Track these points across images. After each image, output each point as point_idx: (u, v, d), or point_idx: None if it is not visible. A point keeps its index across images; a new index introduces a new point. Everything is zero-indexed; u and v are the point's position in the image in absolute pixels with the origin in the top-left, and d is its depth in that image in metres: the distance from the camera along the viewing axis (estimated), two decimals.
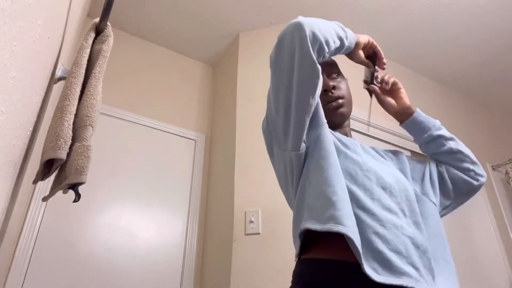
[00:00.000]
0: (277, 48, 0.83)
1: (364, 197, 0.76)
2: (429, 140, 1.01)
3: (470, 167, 0.99)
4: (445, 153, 1.00)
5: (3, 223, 0.68)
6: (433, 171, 0.99)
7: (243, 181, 1.80)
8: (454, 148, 1.00)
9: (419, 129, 1.02)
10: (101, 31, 0.89)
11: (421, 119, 1.01)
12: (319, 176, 0.78)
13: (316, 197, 0.76)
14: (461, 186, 0.98)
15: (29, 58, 0.50)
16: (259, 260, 1.59)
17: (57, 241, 1.61)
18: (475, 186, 0.99)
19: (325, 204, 0.73)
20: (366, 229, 0.72)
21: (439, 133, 1.00)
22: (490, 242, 2.35)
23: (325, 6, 2.13)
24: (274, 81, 0.85)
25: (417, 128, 1.02)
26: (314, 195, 0.77)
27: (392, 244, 0.71)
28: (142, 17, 2.23)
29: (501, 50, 2.49)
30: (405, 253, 0.72)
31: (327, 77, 0.97)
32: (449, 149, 0.99)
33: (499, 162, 2.69)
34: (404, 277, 0.69)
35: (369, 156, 0.90)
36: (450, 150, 0.99)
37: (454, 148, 1.00)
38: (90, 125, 0.76)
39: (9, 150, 0.49)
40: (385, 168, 0.86)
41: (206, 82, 2.53)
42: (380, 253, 0.70)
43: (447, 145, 1.00)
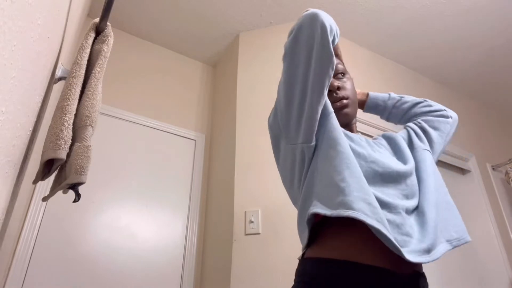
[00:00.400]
0: (294, 39, 0.82)
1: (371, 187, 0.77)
2: (391, 108, 1.11)
3: (440, 107, 1.08)
4: (412, 107, 1.10)
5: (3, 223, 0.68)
6: (414, 128, 1.05)
7: (243, 181, 1.80)
8: (417, 100, 1.10)
9: (379, 104, 1.12)
10: (101, 31, 0.89)
11: (376, 95, 1.12)
12: (328, 165, 0.78)
13: (324, 185, 0.76)
14: (442, 128, 1.05)
15: (29, 58, 0.50)
16: (259, 260, 1.59)
17: (57, 241, 1.61)
18: (451, 122, 1.07)
19: (334, 191, 0.73)
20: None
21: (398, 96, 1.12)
22: (490, 242, 2.35)
23: (325, 6, 2.13)
24: (289, 73, 0.84)
25: (377, 105, 1.12)
26: (323, 184, 0.77)
27: (402, 229, 0.72)
28: (142, 17, 2.23)
29: (501, 50, 2.49)
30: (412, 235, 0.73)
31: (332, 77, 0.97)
32: (413, 100, 1.10)
33: (499, 162, 2.69)
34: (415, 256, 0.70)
35: (374, 148, 0.91)
36: (414, 101, 1.10)
37: (417, 100, 1.10)
38: (90, 125, 0.76)
39: (9, 150, 0.49)
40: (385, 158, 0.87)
41: (206, 82, 2.53)
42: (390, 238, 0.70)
43: (409, 102, 1.11)
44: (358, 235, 0.73)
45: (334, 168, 0.76)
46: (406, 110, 1.11)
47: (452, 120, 1.07)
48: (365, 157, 0.82)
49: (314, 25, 0.78)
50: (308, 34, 0.79)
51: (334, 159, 0.78)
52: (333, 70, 0.81)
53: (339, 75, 0.99)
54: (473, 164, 2.58)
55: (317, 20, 0.78)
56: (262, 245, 1.62)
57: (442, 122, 1.06)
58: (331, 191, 0.74)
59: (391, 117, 1.14)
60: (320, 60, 0.79)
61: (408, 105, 1.10)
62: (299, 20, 0.81)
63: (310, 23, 0.79)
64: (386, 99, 1.12)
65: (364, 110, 1.14)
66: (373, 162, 0.81)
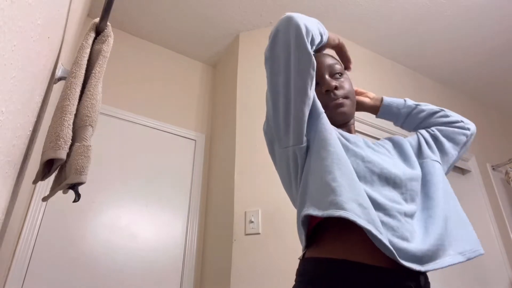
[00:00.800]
0: (271, 44, 0.84)
1: (367, 188, 0.77)
2: (407, 113, 1.06)
3: (458, 118, 1.04)
4: (427, 117, 1.05)
5: (3, 223, 0.68)
6: (425, 136, 1.02)
7: (243, 181, 1.80)
8: (435, 108, 1.05)
9: (394, 111, 1.07)
10: (101, 31, 0.89)
11: (390, 101, 1.07)
12: (319, 166, 0.78)
13: (317, 186, 0.77)
14: (457, 139, 1.01)
15: (29, 58, 0.50)
16: (259, 260, 1.59)
17: (57, 241, 1.61)
18: (469, 135, 1.03)
19: (325, 191, 0.73)
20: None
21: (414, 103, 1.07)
22: (490, 242, 2.35)
23: (324, 6, 2.13)
24: (272, 78, 0.86)
25: (392, 111, 1.08)
26: (315, 185, 0.77)
27: (398, 232, 0.72)
28: (142, 17, 2.23)
29: (500, 50, 2.49)
30: (411, 239, 0.73)
31: (329, 77, 0.97)
32: (430, 111, 1.05)
33: (499, 162, 2.69)
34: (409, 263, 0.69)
35: (372, 150, 0.90)
36: (432, 111, 1.05)
37: (434, 109, 1.05)
38: (90, 125, 0.76)
39: (9, 150, 0.49)
40: (385, 160, 0.87)
41: (206, 82, 2.53)
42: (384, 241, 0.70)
43: (426, 110, 1.05)
44: (355, 235, 0.73)
45: (325, 168, 0.76)
46: (422, 119, 1.06)
47: (470, 132, 1.03)
48: (362, 157, 0.82)
49: (289, 28, 0.80)
50: (284, 39, 0.81)
51: (325, 159, 0.78)
52: (314, 70, 0.81)
53: (337, 75, 0.98)
54: (473, 164, 2.58)
55: (291, 23, 0.80)
56: (262, 245, 1.62)
57: (458, 133, 1.02)
58: (323, 191, 0.74)
59: (405, 125, 1.10)
60: (299, 62, 0.80)
61: (424, 115, 1.06)
62: (275, 26, 0.83)
63: (284, 28, 0.80)
64: (401, 106, 1.07)
65: (377, 115, 1.10)
66: (370, 162, 0.81)
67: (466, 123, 1.04)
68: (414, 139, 1.02)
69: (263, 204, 1.71)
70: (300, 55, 0.80)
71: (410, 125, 1.08)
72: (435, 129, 1.03)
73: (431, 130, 1.03)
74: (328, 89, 0.94)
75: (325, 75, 0.96)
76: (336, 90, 0.95)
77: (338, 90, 0.95)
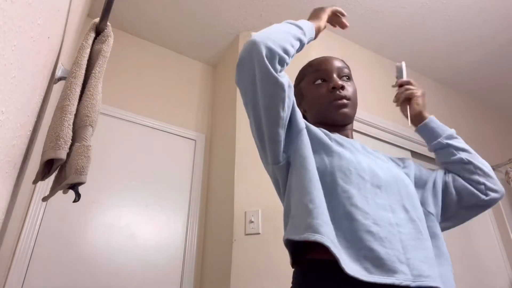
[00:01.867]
0: (238, 70, 0.83)
1: (357, 195, 0.76)
2: (438, 147, 1.00)
3: (481, 180, 0.95)
4: (454, 163, 0.98)
5: (3, 223, 0.68)
6: (438, 179, 0.96)
7: (243, 181, 1.80)
8: (465, 159, 0.96)
9: (429, 135, 1.02)
10: (101, 31, 0.89)
11: (433, 125, 1.01)
12: (298, 185, 0.79)
13: (296, 206, 0.77)
14: (466, 198, 0.94)
15: (29, 58, 0.50)
16: (259, 260, 1.59)
17: (57, 241, 1.61)
18: (483, 200, 0.94)
19: (303, 213, 0.74)
20: (359, 228, 0.72)
21: (449, 142, 0.98)
22: (490, 242, 2.35)
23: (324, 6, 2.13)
24: (243, 101, 0.86)
25: (428, 134, 1.02)
26: (295, 204, 0.78)
27: (386, 242, 0.71)
28: (142, 17, 2.23)
29: (501, 50, 2.49)
30: (400, 250, 0.72)
31: (337, 77, 0.98)
32: (458, 159, 0.97)
33: (499, 162, 2.69)
34: (396, 275, 0.68)
35: (366, 155, 0.89)
36: (460, 160, 0.97)
37: (464, 159, 0.96)
38: (90, 125, 0.76)
39: (9, 150, 0.49)
40: (382, 166, 0.86)
41: (206, 82, 2.53)
42: (373, 251, 0.70)
43: (457, 155, 0.97)
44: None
45: (303, 188, 0.77)
46: (448, 162, 0.99)
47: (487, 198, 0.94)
48: (353, 163, 0.81)
49: (252, 54, 0.78)
50: (248, 65, 0.79)
51: (304, 178, 0.78)
52: (285, 90, 0.80)
53: (344, 78, 1.00)
54: None
55: (254, 48, 0.77)
56: (262, 245, 1.62)
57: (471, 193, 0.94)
58: (301, 213, 0.74)
59: (436, 155, 1.04)
60: (265, 87, 0.79)
61: (452, 159, 0.98)
62: (241, 50, 0.81)
63: (248, 53, 0.79)
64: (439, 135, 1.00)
65: (416, 129, 1.05)
66: (362, 169, 0.81)
67: (489, 187, 0.95)
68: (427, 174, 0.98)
69: (263, 204, 1.71)
70: (266, 81, 0.78)
71: (438, 159, 1.03)
72: (451, 176, 0.97)
73: (447, 176, 0.98)
74: (334, 87, 0.95)
75: (333, 74, 0.98)
76: (342, 89, 0.95)
77: (344, 89, 0.96)
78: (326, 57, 1.03)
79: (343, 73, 0.99)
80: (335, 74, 0.98)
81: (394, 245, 0.72)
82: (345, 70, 1.00)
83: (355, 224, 0.72)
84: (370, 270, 0.68)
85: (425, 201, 0.91)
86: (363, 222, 0.73)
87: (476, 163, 0.96)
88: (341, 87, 0.95)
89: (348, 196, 0.76)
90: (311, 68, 1.02)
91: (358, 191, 0.77)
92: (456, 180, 0.96)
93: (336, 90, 0.95)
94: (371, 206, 0.76)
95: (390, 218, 0.76)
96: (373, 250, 0.70)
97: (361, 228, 0.72)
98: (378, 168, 0.84)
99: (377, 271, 0.68)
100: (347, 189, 0.77)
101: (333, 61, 1.00)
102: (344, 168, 0.80)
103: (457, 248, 2.18)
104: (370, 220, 0.73)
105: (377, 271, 0.68)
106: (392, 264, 0.69)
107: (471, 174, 0.96)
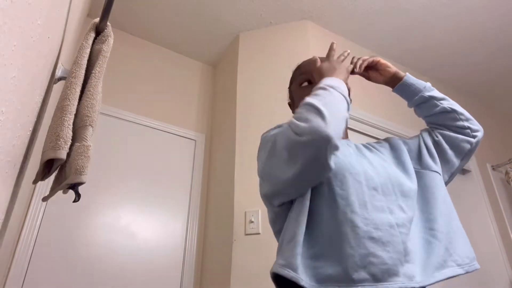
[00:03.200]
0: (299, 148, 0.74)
1: (356, 201, 0.77)
2: (421, 101, 1.00)
3: (466, 124, 0.98)
4: (438, 114, 0.99)
5: (3, 223, 0.68)
6: (428, 142, 0.98)
7: (243, 181, 1.80)
8: (447, 107, 0.98)
9: (409, 92, 1.01)
10: (101, 31, 0.89)
11: (411, 81, 1.01)
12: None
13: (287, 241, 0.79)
14: (461, 147, 0.97)
15: (29, 58, 0.50)
16: (259, 260, 1.59)
17: (57, 241, 1.61)
18: (473, 143, 0.97)
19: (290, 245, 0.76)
20: (361, 235, 0.72)
21: (431, 94, 0.99)
22: (490, 242, 2.35)
23: (324, 6, 2.13)
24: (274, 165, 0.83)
25: (407, 92, 1.02)
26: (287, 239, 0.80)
27: (389, 246, 0.72)
28: (142, 17, 2.23)
29: (500, 50, 2.49)
30: (402, 252, 0.73)
31: None
32: (442, 109, 0.98)
33: (499, 162, 2.69)
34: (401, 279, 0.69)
35: (358, 157, 0.89)
36: (443, 109, 0.98)
37: (447, 107, 0.98)
38: (90, 125, 0.76)
39: (9, 150, 0.49)
40: (375, 167, 0.86)
41: (206, 82, 2.53)
42: (377, 257, 0.70)
43: (439, 105, 0.99)
44: None
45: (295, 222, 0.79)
46: (432, 114, 1.01)
47: (475, 140, 0.97)
48: (348, 168, 0.82)
49: (320, 149, 0.73)
50: (314, 154, 0.74)
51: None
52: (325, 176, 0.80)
53: None
54: (473, 164, 2.58)
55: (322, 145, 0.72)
56: (262, 245, 1.62)
57: (462, 141, 0.97)
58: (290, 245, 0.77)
59: (416, 111, 1.05)
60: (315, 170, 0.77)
61: (436, 110, 0.99)
62: (309, 134, 0.72)
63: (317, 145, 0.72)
64: (419, 90, 1.00)
65: (393, 89, 1.05)
66: (357, 174, 0.81)
67: (473, 129, 0.98)
68: (415, 143, 1.00)
69: (263, 204, 1.70)
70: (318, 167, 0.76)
71: (420, 113, 1.04)
72: (439, 134, 0.99)
73: (435, 135, 1.00)
74: None
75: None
76: None
77: None
78: (313, 58, 1.02)
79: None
80: None
81: (396, 248, 0.72)
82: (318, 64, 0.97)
83: (358, 231, 0.73)
84: (377, 277, 0.69)
85: (428, 165, 0.93)
86: (365, 229, 0.73)
87: (458, 109, 0.99)
88: None
89: (347, 204, 0.76)
90: (298, 70, 1.03)
91: (357, 197, 0.78)
92: (445, 135, 0.98)
93: None
94: (370, 210, 0.76)
95: (390, 220, 0.76)
96: (377, 256, 0.70)
97: (363, 235, 0.72)
98: (372, 169, 0.85)
99: (384, 277, 0.69)
100: (345, 197, 0.77)
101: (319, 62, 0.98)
102: (339, 174, 0.80)
103: None
104: (371, 226, 0.74)
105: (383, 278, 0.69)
106: (396, 268, 0.70)
107: (456, 121, 0.98)
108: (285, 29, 2.22)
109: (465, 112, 1.00)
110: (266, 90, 2.02)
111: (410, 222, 0.79)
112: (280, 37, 2.20)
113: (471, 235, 2.31)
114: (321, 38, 2.23)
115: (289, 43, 2.16)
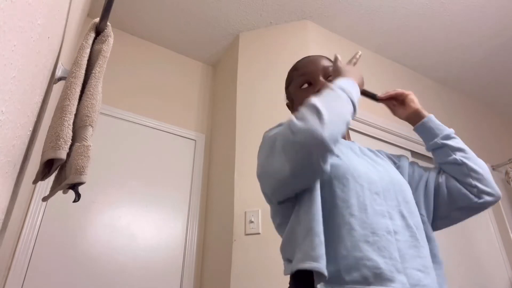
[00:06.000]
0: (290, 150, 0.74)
1: (356, 205, 0.76)
2: (435, 147, 0.97)
3: (473, 182, 0.91)
4: (449, 164, 0.95)
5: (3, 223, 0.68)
6: (430, 179, 0.95)
7: (243, 181, 1.80)
8: (459, 160, 0.92)
9: (427, 134, 0.98)
10: (101, 31, 0.89)
11: (430, 125, 0.97)
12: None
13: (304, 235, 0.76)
14: (459, 200, 0.91)
15: (29, 58, 0.50)
16: (259, 260, 1.59)
17: (57, 241, 1.61)
18: (476, 203, 0.90)
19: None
20: (358, 238, 0.72)
21: (445, 142, 0.95)
22: (490, 242, 2.35)
23: (324, 6, 2.13)
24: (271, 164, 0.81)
25: (425, 134, 0.99)
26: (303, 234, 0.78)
27: (384, 251, 0.72)
28: (142, 17, 2.23)
29: (500, 50, 2.49)
30: (398, 259, 0.72)
31: (324, 78, 0.95)
32: (453, 160, 0.93)
33: (499, 162, 2.69)
34: (394, 285, 0.69)
35: (362, 160, 0.89)
36: (454, 161, 0.93)
37: (458, 160, 0.92)
38: (90, 125, 0.76)
39: (9, 150, 0.49)
40: (379, 170, 0.86)
41: (206, 82, 2.53)
42: (371, 261, 0.70)
43: (452, 156, 0.93)
44: None
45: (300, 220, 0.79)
46: (444, 162, 0.96)
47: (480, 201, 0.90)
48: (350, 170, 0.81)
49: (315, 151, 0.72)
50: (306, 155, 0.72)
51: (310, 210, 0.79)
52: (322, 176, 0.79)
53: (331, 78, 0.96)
54: None
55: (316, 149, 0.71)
56: (262, 245, 1.62)
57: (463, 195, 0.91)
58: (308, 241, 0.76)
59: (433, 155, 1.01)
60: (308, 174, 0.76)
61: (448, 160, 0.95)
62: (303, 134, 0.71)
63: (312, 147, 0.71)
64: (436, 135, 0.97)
65: (414, 128, 1.01)
66: (359, 176, 0.81)
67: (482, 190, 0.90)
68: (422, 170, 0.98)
69: (263, 204, 1.71)
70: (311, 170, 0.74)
71: (434, 159, 1.00)
72: (445, 176, 0.95)
73: (440, 176, 0.95)
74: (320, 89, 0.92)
75: (319, 76, 0.95)
76: None
77: None
78: (311, 58, 1.00)
79: (330, 73, 0.96)
80: (321, 75, 0.95)
81: (392, 254, 0.72)
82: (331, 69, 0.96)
83: (354, 234, 0.73)
84: (369, 280, 0.69)
85: (416, 202, 0.90)
86: (362, 232, 0.73)
87: (470, 165, 0.92)
88: None
89: (347, 206, 0.76)
90: (297, 71, 1.00)
91: (357, 200, 0.77)
92: (450, 181, 0.94)
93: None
94: (370, 214, 0.76)
95: (388, 226, 0.76)
96: (371, 260, 0.70)
97: (360, 239, 0.72)
98: (375, 172, 0.84)
99: (376, 281, 0.69)
100: (346, 199, 0.77)
101: (318, 62, 0.97)
102: (341, 177, 0.80)
103: (457, 248, 2.18)
104: (368, 230, 0.74)
105: (375, 281, 0.69)
106: (390, 274, 0.70)
107: (464, 176, 0.92)
108: (285, 29, 2.22)
109: (479, 170, 0.92)
110: (266, 90, 2.02)
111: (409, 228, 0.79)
112: (280, 37, 2.20)
113: (471, 235, 2.31)
114: (321, 38, 2.23)
115: (289, 43, 2.16)
